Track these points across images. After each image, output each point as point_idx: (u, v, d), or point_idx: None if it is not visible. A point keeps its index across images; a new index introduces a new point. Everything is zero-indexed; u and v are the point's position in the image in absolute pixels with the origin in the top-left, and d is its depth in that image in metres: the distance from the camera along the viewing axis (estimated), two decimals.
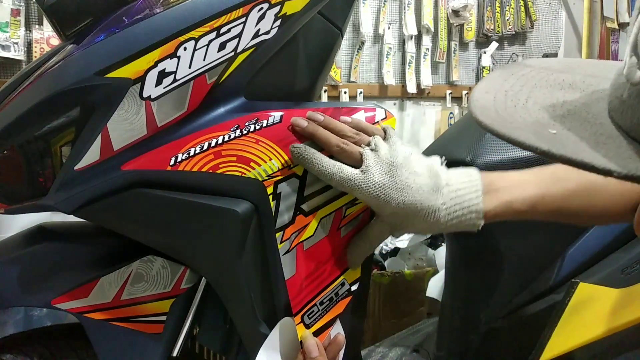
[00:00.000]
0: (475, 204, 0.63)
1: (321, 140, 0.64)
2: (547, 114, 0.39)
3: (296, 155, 0.64)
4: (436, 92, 2.52)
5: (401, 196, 0.62)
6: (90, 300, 0.67)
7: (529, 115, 0.40)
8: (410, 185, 0.62)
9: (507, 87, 0.43)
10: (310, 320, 0.71)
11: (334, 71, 2.26)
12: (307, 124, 0.65)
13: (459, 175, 0.65)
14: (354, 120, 0.67)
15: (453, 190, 0.63)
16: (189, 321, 0.71)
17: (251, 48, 0.64)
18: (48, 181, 0.62)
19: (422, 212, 0.62)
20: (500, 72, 0.46)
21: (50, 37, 1.83)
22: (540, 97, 0.42)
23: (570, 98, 0.41)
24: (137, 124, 0.61)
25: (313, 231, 0.69)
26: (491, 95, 0.42)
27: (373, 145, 0.64)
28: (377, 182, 0.62)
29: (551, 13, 2.82)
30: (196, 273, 0.70)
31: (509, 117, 0.39)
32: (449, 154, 0.93)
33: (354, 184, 0.62)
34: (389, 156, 0.63)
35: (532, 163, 0.87)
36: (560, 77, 0.45)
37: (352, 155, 0.64)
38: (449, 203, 0.63)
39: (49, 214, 0.66)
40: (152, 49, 0.59)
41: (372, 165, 0.62)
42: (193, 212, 0.63)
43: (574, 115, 0.39)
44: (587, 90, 0.42)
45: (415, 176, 0.63)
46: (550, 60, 0.50)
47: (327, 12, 0.70)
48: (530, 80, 0.44)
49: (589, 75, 0.44)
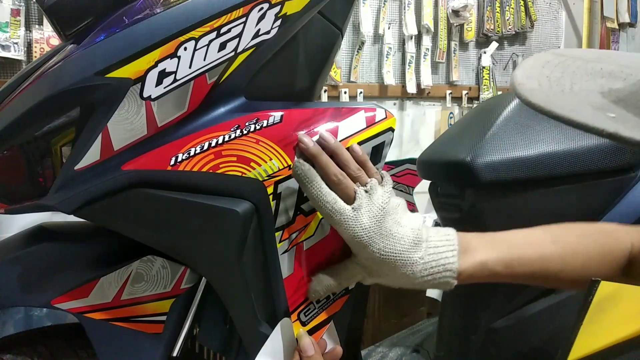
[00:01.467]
0: (451, 263, 0.64)
1: (321, 165, 0.64)
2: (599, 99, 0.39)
3: (298, 172, 0.64)
4: (436, 92, 2.52)
5: (383, 242, 0.63)
6: (90, 300, 0.67)
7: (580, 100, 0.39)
8: (393, 234, 0.63)
9: (547, 73, 0.43)
10: (306, 318, 0.71)
11: (334, 71, 2.27)
12: (312, 144, 0.64)
13: (437, 233, 0.66)
14: (363, 154, 0.67)
15: (431, 247, 0.64)
16: (189, 321, 0.71)
17: (251, 48, 0.64)
18: (48, 181, 0.62)
19: (400, 263, 0.63)
20: (534, 60, 0.46)
21: (50, 37, 1.83)
22: (584, 84, 0.41)
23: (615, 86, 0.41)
24: (138, 124, 0.61)
25: (313, 231, 0.69)
26: (534, 80, 0.42)
27: (369, 187, 0.64)
28: (364, 224, 0.62)
29: (551, 13, 2.82)
30: (196, 273, 0.70)
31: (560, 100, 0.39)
32: (449, 154, 0.93)
33: (343, 219, 0.63)
34: (380, 202, 0.63)
35: (532, 163, 0.87)
36: (597, 65, 0.44)
37: (347, 190, 0.64)
38: (427, 258, 0.63)
39: (49, 214, 0.66)
40: (153, 49, 0.59)
41: (364, 206, 0.63)
42: (193, 212, 0.63)
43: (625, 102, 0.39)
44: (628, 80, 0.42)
45: (399, 227, 0.64)
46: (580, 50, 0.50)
47: (327, 12, 0.70)
48: (568, 68, 0.44)
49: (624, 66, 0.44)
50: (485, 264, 0.65)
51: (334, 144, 0.65)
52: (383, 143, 0.70)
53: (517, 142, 0.88)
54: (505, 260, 0.66)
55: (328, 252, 0.71)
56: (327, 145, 0.65)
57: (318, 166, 0.64)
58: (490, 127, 0.90)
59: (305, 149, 0.64)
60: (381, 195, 0.64)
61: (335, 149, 0.65)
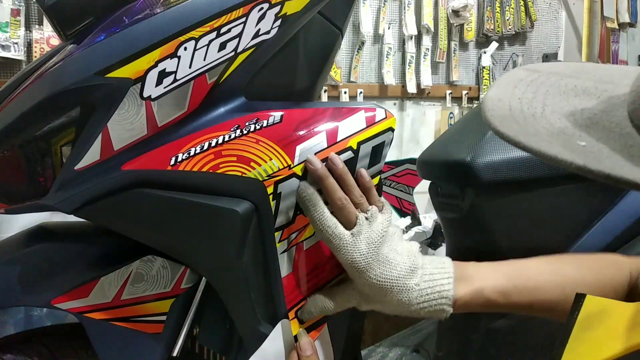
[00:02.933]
0: (447, 290, 0.64)
1: (327, 188, 0.65)
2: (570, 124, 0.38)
3: (303, 195, 0.65)
4: (436, 92, 2.53)
5: (379, 269, 0.64)
6: (90, 300, 0.67)
7: (551, 126, 0.38)
8: (390, 260, 0.64)
9: (519, 94, 0.42)
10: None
11: (334, 71, 2.27)
12: (320, 166, 0.65)
13: (433, 261, 0.67)
14: (369, 181, 0.68)
15: (427, 274, 0.65)
16: (189, 321, 0.71)
17: (251, 48, 0.64)
18: (48, 181, 0.62)
19: (396, 289, 0.64)
20: (507, 78, 0.45)
21: (50, 37, 1.83)
22: (557, 105, 0.40)
23: (588, 105, 0.40)
24: (138, 124, 0.61)
25: (313, 231, 0.69)
26: (505, 103, 0.41)
27: (369, 214, 0.66)
28: (363, 250, 0.63)
29: (551, 13, 2.82)
30: (196, 273, 0.70)
31: (530, 127, 0.38)
32: (449, 154, 0.93)
33: (342, 244, 0.64)
34: (379, 229, 0.65)
35: (532, 163, 0.87)
36: (571, 82, 0.43)
37: (349, 215, 0.65)
38: (423, 285, 0.64)
39: (49, 214, 0.66)
40: (153, 49, 0.59)
41: (363, 233, 0.64)
42: (193, 212, 0.63)
43: (597, 125, 0.38)
44: (602, 97, 0.41)
45: (396, 254, 0.65)
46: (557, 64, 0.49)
47: (327, 12, 0.70)
48: (541, 87, 0.43)
49: (600, 81, 0.43)
50: (481, 291, 0.66)
51: (341, 169, 0.66)
52: (383, 143, 0.70)
53: None
54: (502, 289, 0.66)
55: (328, 252, 0.71)
56: (335, 169, 0.66)
57: (324, 189, 0.65)
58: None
59: (313, 171, 0.65)
60: (381, 222, 0.65)
61: (342, 174, 0.66)
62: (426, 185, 1.03)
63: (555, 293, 0.67)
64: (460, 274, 0.66)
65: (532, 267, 0.69)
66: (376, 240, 0.64)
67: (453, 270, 0.66)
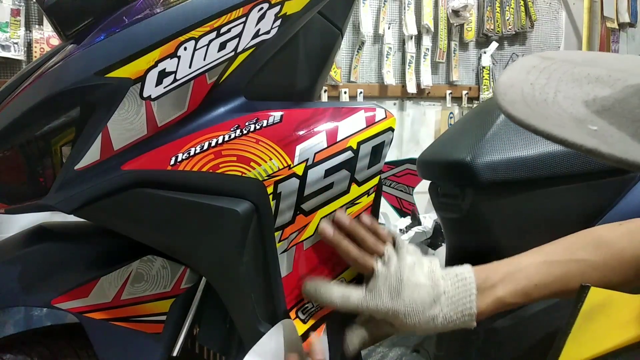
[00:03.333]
0: (469, 308, 0.66)
1: (342, 250, 0.68)
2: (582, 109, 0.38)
3: (309, 291, 0.68)
4: (436, 92, 2.52)
5: (405, 309, 0.65)
6: (90, 300, 0.67)
7: (563, 111, 0.38)
8: (415, 300, 0.65)
9: (532, 79, 0.42)
10: (304, 315, 0.71)
11: (334, 71, 2.27)
12: (332, 233, 0.68)
13: (455, 280, 0.67)
14: (372, 223, 0.71)
15: (450, 297, 0.66)
16: (189, 321, 0.71)
17: (251, 48, 0.64)
18: (48, 181, 0.62)
19: (423, 320, 0.66)
20: (521, 64, 0.45)
21: (50, 37, 1.83)
22: (569, 92, 0.40)
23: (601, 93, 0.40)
24: (138, 124, 0.61)
25: (313, 231, 0.69)
26: (517, 89, 0.41)
27: (386, 258, 0.68)
28: (385, 304, 0.65)
29: (551, 13, 2.82)
30: (196, 273, 0.70)
31: (542, 111, 0.38)
32: (449, 154, 0.93)
33: (362, 307, 0.66)
34: (398, 273, 0.66)
35: (532, 163, 0.87)
36: (584, 70, 0.43)
37: (366, 267, 0.68)
38: (446, 310, 0.66)
39: (49, 214, 0.66)
40: (153, 49, 0.59)
41: (381, 284, 0.66)
42: (193, 211, 0.63)
43: (610, 112, 0.38)
44: (616, 86, 0.40)
45: (419, 289, 0.66)
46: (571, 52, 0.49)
47: (327, 12, 0.70)
48: (554, 73, 0.43)
49: (614, 70, 0.43)
50: (502, 300, 0.67)
51: (349, 225, 0.69)
52: (383, 143, 0.70)
53: (517, 142, 0.88)
54: (523, 290, 0.67)
55: (328, 251, 0.71)
56: (344, 227, 0.69)
57: (339, 251, 0.69)
58: (490, 127, 0.90)
59: (327, 239, 0.68)
60: (396, 262, 0.67)
61: (351, 230, 0.69)
62: (426, 185, 1.03)
63: (577, 280, 0.67)
64: (481, 285, 0.67)
65: (550, 260, 0.69)
66: (396, 287, 0.66)
67: (475, 285, 0.67)
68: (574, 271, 0.68)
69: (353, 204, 0.71)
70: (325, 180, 0.67)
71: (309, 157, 0.66)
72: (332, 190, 0.69)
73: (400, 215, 1.99)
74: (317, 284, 0.68)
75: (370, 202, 0.72)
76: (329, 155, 0.67)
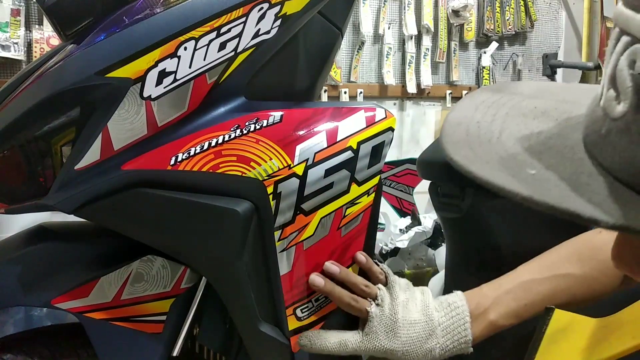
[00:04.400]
0: (464, 336, 0.68)
1: (335, 297, 0.70)
2: (524, 149, 0.36)
3: (304, 345, 0.69)
4: (436, 92, 2.52)
5: (403, 347, 0.67)
6: (91, 300, 0.67)
7: (504, 152, 0.36)
8: (411, 337, 0.67)
9: (479, 117, 0.40)
10: (303, 314, 0.71)
11: (334, 71, 2.26)
12: (324, 283, 0.69)
13: (448, 308, 0.69)
14: (367, 262, 0.72)
15: (444, 328, 0.68)
16: (189, 321, 0.71)
17: (251, 48, 0.64)
18: (48, 181, 0.62)
19: (421, 354, 0.68)
20: (470, 99, 0.44)
21: (50, 37, 1.83)
22: (514, 128, 0.39)
23: (545, 128, 0.38)
24: (138, 124, 0.61)
25: (313, 231, 0.69)
26: (463, 127, 0.39)
27: (379, 299, 0.69)
28: (383, 345, 0.67)
29: (551, 13, 2.82)
30: (196, 273, 0.70)
31: (484, 154, 0.36)
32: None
33: (360, 350, 0.68)
34: (393, 313, 0.68)
35: None
36: (532, 103, 0.41)
37: (361, 311, 0.69)
38: (442, 340, 0.68)
39: (49, 214, 0.66)
40: (153, 49, 0.59)
41: (377, 326, 0.67)
42: (193, 211, 0.63)
43: (551, 150, 0.36)
44: (560, 119, 0.39)
45: (414, 326, 0.68)
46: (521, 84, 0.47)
47: (327, 12, 0.70)
48: (502, 108, 0.41)
49: (562, 101, 0.41)
50: (495, 323, 0.69)
51: (340, 274, 0.70)
52: (383, 143, 0.70)
53: None
54: (514, 312, 0.69)
55: (328, 251, 0.71)
56: (335, 277, 0.70)
57: (333, 299, 0.70)
58: None
59: (319, 289, 0.69)
60: (389, 302, 0.68)
61: (342, 278, 0.70)
62: (426, 185, 1.02)
63: (564, 297, 0.69)
64: (474, 311, 0.69)
65: (536, 278, 0.71)
66: (391, 328, 0.67)
67: (468, 313, 0.68)
68: (561, 286, 0.70)
69: (353, 203, 0.71)
70: (325, 180, 0.67)
71: (309, 157, 0.66)
72: (332, 190, 0.69)
73: (400, 215, 1.99)
74: (310, 336, 0.69)
75: (370, 202, 0.72)
76: (329, 155, 0.67)
